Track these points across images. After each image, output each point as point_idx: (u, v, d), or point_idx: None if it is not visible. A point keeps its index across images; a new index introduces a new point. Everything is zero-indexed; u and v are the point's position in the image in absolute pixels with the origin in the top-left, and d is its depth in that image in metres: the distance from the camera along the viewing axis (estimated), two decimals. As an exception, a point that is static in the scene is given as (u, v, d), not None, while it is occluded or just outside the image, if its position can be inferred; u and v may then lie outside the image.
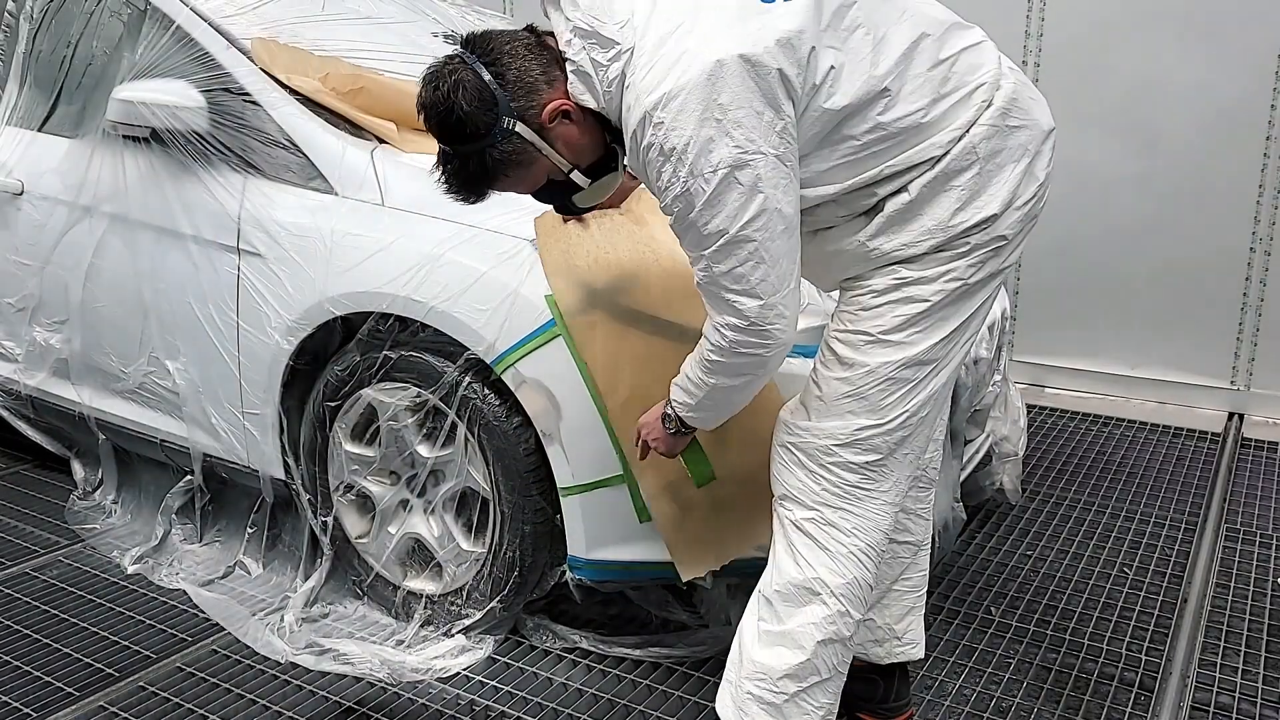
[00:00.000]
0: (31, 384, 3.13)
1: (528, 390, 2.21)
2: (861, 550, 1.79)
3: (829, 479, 1.78)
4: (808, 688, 1.81)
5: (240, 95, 2.59)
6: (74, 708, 2.25)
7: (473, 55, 1.68)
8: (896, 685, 2.16)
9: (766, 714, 1.82)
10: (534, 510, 2.28)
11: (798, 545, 1.80)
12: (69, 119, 2.99)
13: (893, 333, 1.73)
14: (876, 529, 1.80)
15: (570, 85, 1.68)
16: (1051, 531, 3.06)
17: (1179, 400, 4.09)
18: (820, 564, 1.78)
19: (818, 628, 1.79)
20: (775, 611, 1.81)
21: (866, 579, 1.81)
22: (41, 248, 2.97)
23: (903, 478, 1.83)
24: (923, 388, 1.77)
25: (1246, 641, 2.52)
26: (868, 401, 1.76)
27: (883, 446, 1.77)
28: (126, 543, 2.91)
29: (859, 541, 1.79)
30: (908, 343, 1.74)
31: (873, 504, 1.79)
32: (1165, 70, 3.89)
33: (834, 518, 1.79)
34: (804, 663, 1.79)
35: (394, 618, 2.54)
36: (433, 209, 2.35)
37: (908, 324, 1.73)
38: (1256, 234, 3.89)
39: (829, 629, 1.79)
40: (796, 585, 1.79)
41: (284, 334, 2.47)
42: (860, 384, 1.75)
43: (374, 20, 3.07)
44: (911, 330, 1.73)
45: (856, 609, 1.81)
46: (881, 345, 1.74)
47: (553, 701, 2.25)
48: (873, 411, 1.76)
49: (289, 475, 2.61)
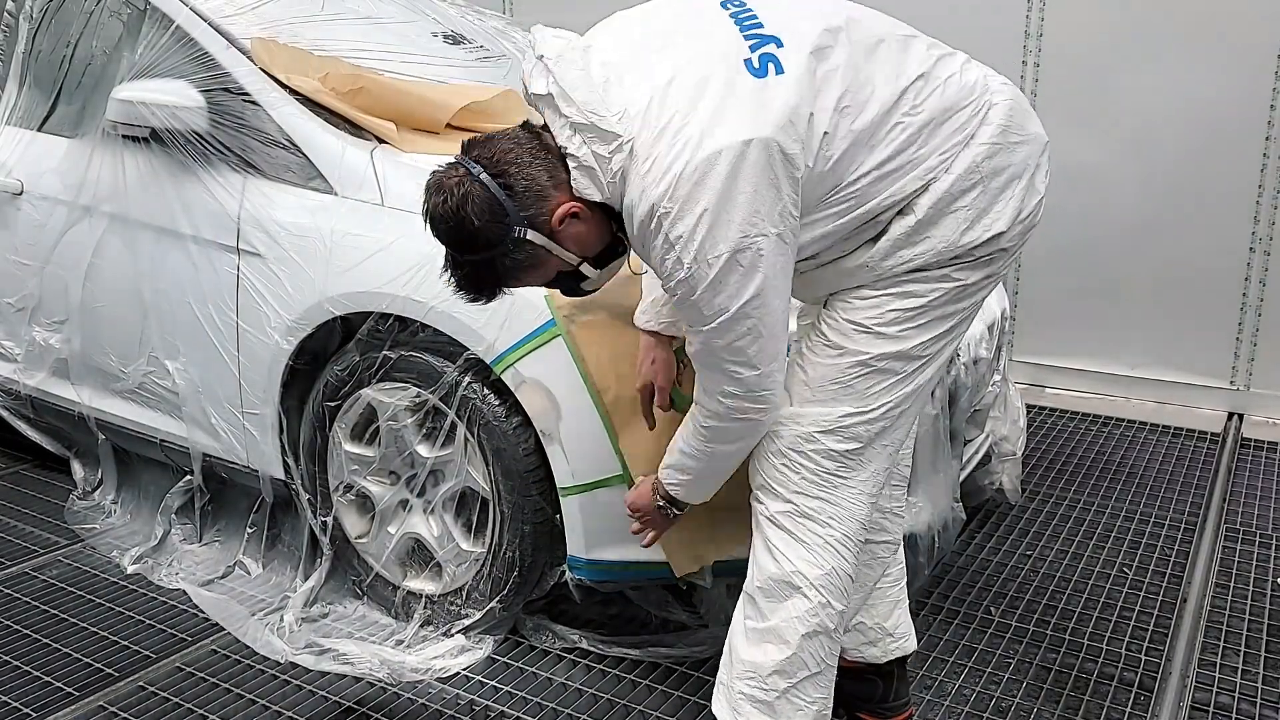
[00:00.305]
0: (31, 384, 3.13)
1: (527, 390, 2.21)
2: (838, 540, 1.81)
3: (807, 466, 1.79)
4: (798, 683, 1.82)
5: (240, 95, 2.59)
6: (74, 708, 2.25)
7: (477, 166, 1.67)
8: (895, 685, 2.16)
9: (760, 712, 1.82)
10: (533, 510, 2.28)
11: (774, 541, 1.82)
12: (69, 119, 2.98)
13: (887, 326, 1.75)
14: (853, 518, 1.82)
15: (575, 181, 1.67)
16: (1051, 531, 3.06)
17: (1179, 400, 4.09)
18: (798, 557, 1.80)
19: (801, 621, 1.80)
20: (759, 608, 1.83)
21: (845, 569, 1.82)
22: (41, 248, 2.97)
23: (880, 469, 1.84)
24: (910, 381, 1.78)
25: (1246, 641, 2.52)
26: (854, 390, 1.77)
27: (864, 435, 1.79)
28: (126, 543, 2.91)
29: (835, 531, 1.80)
30: (901, 337, 1.75)
31: (849, 493, 1.81)
32: (1165, 70, 3.89)
33: (810, 508, 1.80)
34: (790, 657, 1.80)
35: (394, 618, 2.54)
36: (432, 209, 2.35)
37: (903, 319, 1.75)
38: (1256, 234, 3.89)
39: (812, 621, 1.80)
40: (776, 580, 1.81)
41: (284, 334, 2.47)
42: (849, 371, 1.77)
43: (374, 20, 3.07)
44: (906, 325, 1.75)
45: (838, 599, 1.82)
46: (874, 336, 1.76)
47: (553, 701, 2.25)
48: (858, 399, 1.78)
49: (289, 475, 2.61)
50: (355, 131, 2.54)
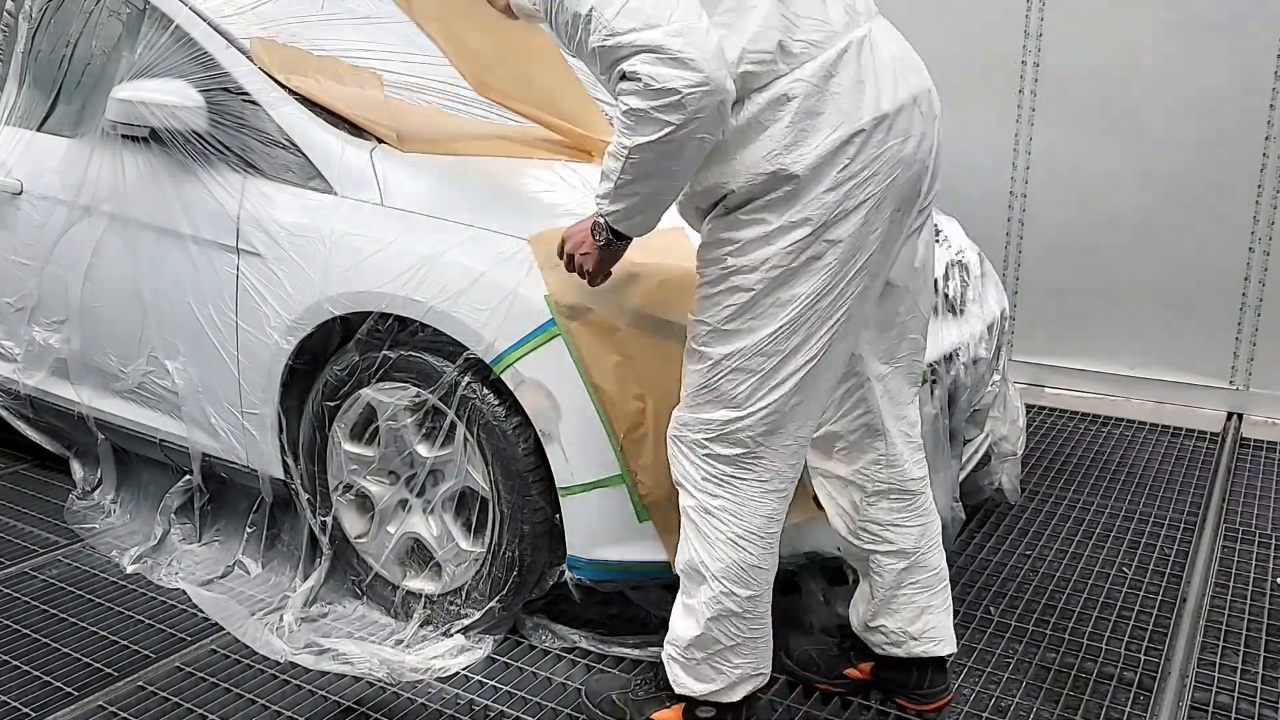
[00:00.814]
0: (31, 384, 3.13)
1: (527, 390, 2.21)
2: (739, 535, 1.88)
3: (704, 468, 1.88)
4: (714, 654, 1.95)
5: (239, 95, 2.59)
6: (73, 707, 2.25)
7: None
8: (930, 674, 2.19)
9: (685, 672, 2.00)
10: (533, 510, 2.28)
11: (688, 531, 1.94)
12: (68, 118, 2.98)
13: (726, 322, 1.79)
14: (756, 514, 1.88)
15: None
16: (1051, 531, 3.06)
17: (1178, 400, 4.09)
18: (702, 549, 1.91)
19: (707, 606, 1.92)
20: (685, 587, 1.97)
21: (748, 560, 1.90)
22: (41, 247, 2.97)
23: (785, 466, 1.89)
24: (776, 378, 1.80)
25: (1245, 641, 2.52)
26: (723, 393, 1.82)
27: (747, 440, 1.84)
28: (125, 542, 2.91)
29: (735, 528, 1.88)
30: (743, 330, 1.79)
31: (752, 490, 1.87)
32: (1165, 70, 3.89)
33: (713, 505, 1.88)
34: (699, 636, 1.94)
35: (393, 617, 2.54)
36: (432, 209, 2.35)
37: (739, 313, 1.78)
38: (1256, 234, 3.89)
39: (716, 607, 1.91)
40: (688, 565, 1.94)
41: (283, 334, 2.47)
42: (709, 375, 1.83)
43: (373, 20, 3.07)
44: (745, 318, 1.78)
45: (741, 587, 1.91)
46: (719, 334, 1.81)
47: (552, 701, 2.25)
48: (730, 404, 1.82)
49: (288, 475, 2.61)
50: (355, 131, 2.54)
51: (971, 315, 2.78)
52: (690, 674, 1.99)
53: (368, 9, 3.11)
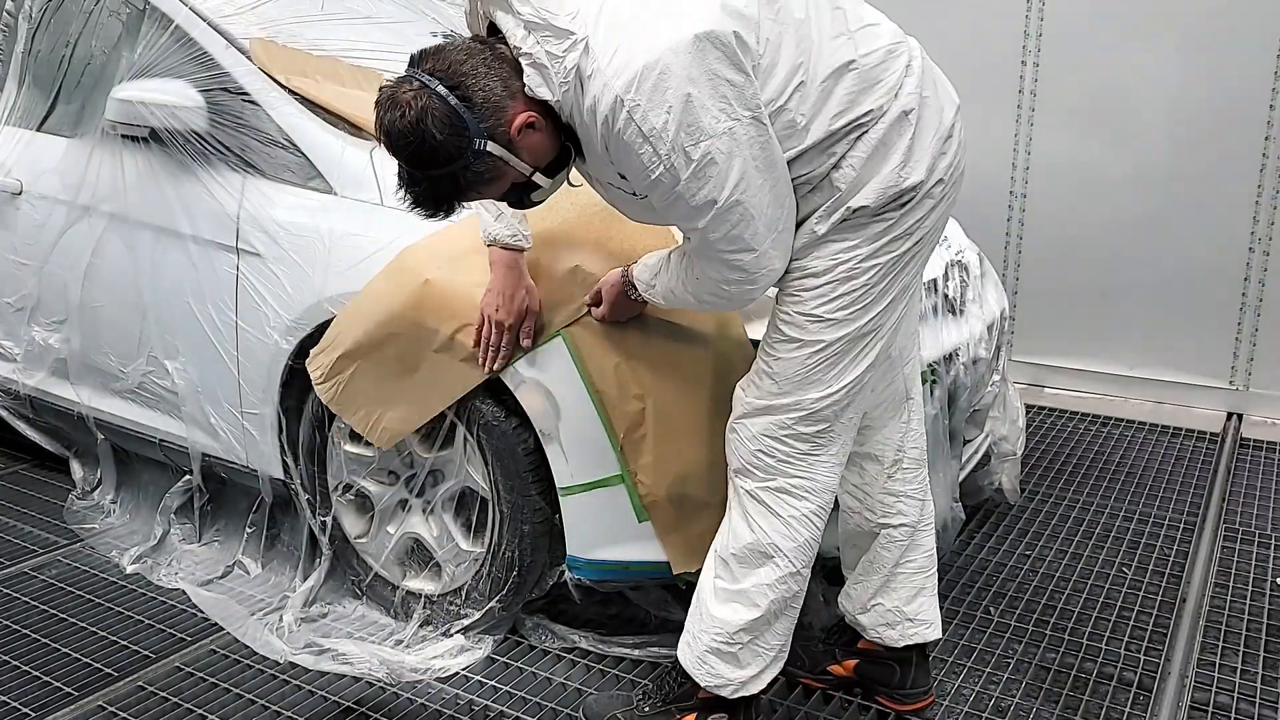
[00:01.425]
0: (30, 384, 3.13)
1: (527, 390, 2.20)
2: (813, 512, 1.92)
3: (782, 450, 1.89)
4: (758, 636, 1.96)
5: (239, 95, 2.59)
6: (73, 708, 2.25)
7: (433, 79, 1.66)
8: (914, 672, 2.20)
9: (724, 662, 1.97)
10: (533, 510, 2.28)
11: (752, 512, 1.92)
12: (68, 118, 2.99)
13: (837, 312, 1.82)
14: (826, 490, 1.93)
15: (528, 79, 1.68)
16: (1050, 531, 3.06)
17: (1178, 400, 4.09)
18: (774, 530, 1.91)
19: (771, 588, 1.92)
20: (732, 572, 1.94)
21: (816, 538, 1.94)
22: (40, 247, 2.97)
23: (848, 440, 1.95)
24: (865, 357, 1.87)
25: (1245, 641, 2.52)
26: (818, 376, 1.85)
27: (830, 415, 1.88)
28: (125, 542, 2.91)
29: (810, 504, 1.91)
30: (850, 319, 1.82)
31: (823, 467, 1.91)
32: (1165, 70, 3.89)
33: (787, 485, 1.90)
34: (758, 618, 1.93)
35: (393, 617, 2.54)
36: (432, 209, 2.35)
37: (850, 303, 1.81)
38: (1256, 234, 3.89)
39: (781, 589, 1.93)
40: (751, 549, 1.92)
41: (283, 334, 2.47)
42: (810, 362, 1.85)
43: (373, 20, 3.07)
44: (854, 308, 1.81)
45: (806, 567, 1.95)
46: (827, 325, 1.83)
47: (552, 701, 2.25)
48: (823, 384, 1.86)
49: (288, 475, 2.61)
50: (355, 131, 2.54)
51: (971, 315, 2.78)
52: (729, 662, 1.96)
53: (368, 9, 3.11)
